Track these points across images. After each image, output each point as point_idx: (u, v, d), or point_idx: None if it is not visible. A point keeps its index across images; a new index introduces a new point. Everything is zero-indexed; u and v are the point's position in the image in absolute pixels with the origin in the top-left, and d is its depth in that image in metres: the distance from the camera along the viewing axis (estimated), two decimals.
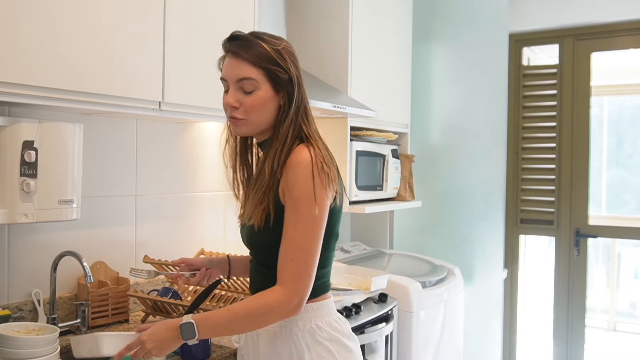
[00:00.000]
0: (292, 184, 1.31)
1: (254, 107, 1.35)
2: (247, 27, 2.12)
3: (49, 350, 1.39)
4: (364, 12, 2.76)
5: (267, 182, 1.34)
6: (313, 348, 1.37)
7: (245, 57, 1.34)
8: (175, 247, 2.29)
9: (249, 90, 1.35)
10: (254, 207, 1.35)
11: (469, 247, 3.40)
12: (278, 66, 1.35)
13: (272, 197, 1.34)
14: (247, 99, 1.35)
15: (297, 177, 1.31)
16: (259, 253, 1.43)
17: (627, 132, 5.00)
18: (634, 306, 5.51)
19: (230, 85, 1.37)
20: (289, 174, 1.33)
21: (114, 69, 1.64)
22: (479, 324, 3.42)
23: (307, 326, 1.38)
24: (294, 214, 1.31)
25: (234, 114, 1.37)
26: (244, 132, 1.41)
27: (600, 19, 3.34)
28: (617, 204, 4.99)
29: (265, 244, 1.38)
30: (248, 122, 1.37)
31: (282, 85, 1.36)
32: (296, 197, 1.31)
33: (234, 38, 1.38)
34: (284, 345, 1.38)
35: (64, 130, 1.66)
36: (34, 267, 1.84)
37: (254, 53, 1.34)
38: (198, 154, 2.39)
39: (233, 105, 1.36)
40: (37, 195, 1.59)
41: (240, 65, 1.35)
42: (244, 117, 1.36)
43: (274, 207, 1.34)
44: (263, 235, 1.36)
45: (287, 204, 1.32)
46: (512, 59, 3.53)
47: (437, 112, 3.47)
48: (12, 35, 1.40)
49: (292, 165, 1.33)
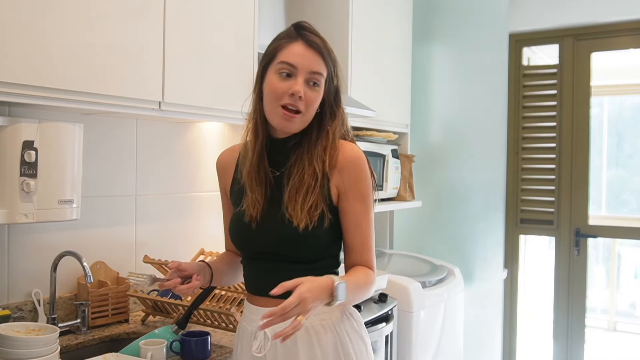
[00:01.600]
0: (357, 179, 1.37)
1: (313, 102, 1.35)
2: (247, 27, 2.12)
3: (49, 350, 1.39)
4: (364, 12, 2.76)
5: (319, 180, 1.35)
6: (352, 337, 1.40)
7: (323, 53, 1.35)
8: (175, 247, 2.29)
9: (316, 85, 1.35)
10: (307, 207, 1.33)
11: (469, 247, 3.40)
12: (334, 71, 1.38)
13: (325, 195, 1.36)
14: (312, 93, 1.34)
15: (362, 173, 1.38)
16: (298, 251, 1.37)
17: (627, 132, 5.00)
18: (634, 306, 5.51)
19: (300, 74, 1.33)
20: (350, 170, 1.36)
21: (114, 69, 1.63)
22: (479, 324, 3.42)
23: (344, 316, 1.41)
24: (364, 207, 1.38)
25: (297, 103, 1.32)
26: (296, 127, 1.37)
27: (600, 19, 3.34)
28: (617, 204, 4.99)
29: (311, 240, 1.35)
30: (303, 118, 1.35)
31: (330, 89, 1.39)
32: (362, 191, 1.37)
33: (307, 29, 1.37)
34: (328, 337, 1.37)
35: (64, 130, 1.66)
36: (34, 267, 1.84)
37: (328, 51, 1.37)
38: (198, 154, 2.39)
39: (301, 95, 1.32)
40: (37, 195, 1.59)
41: (318, 59, 1.35)
42: (304, 110, 1.34)
43: (327, 204, 1.36)
44: (313, 232, 1.34)
45: (352, 198, 1.37)
46: (512, 59, 3.53)
47: (437, 112, 3.47)
48: (12, 35, 1.40)
49: (353, 162, 1.37)
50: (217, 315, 1.84)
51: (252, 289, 1.46)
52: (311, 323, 1.36)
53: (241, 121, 2.13)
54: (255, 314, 1.41)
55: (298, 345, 1.36)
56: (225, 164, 1.54)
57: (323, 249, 1.38)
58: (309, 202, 1.33)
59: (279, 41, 1.37)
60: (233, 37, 2.05)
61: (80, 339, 1.80)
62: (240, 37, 2.09)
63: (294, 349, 1.36)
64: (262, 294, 1.40)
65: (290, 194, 1.35)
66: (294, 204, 1.34)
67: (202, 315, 1.90)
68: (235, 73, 2.06)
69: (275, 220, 1.37)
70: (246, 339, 1.43)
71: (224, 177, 1.54)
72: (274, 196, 1.39)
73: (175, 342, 1.67)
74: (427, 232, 3.49)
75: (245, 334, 1.44)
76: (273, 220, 1.37)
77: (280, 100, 1.33)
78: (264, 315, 1.16)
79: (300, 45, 1.34)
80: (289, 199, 1.35)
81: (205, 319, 1.90)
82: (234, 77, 2.05)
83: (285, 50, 1.35)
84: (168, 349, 1.64)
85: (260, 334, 1.36)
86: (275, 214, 1.37)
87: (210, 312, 1.85)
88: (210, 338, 1.69)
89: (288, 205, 1.35)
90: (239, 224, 1.43)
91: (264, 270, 1.42)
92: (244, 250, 1.47)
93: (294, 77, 1.33)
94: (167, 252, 2.23)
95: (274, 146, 1.42)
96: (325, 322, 1.37)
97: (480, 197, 3.37)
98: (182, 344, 1.66)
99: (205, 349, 1.66)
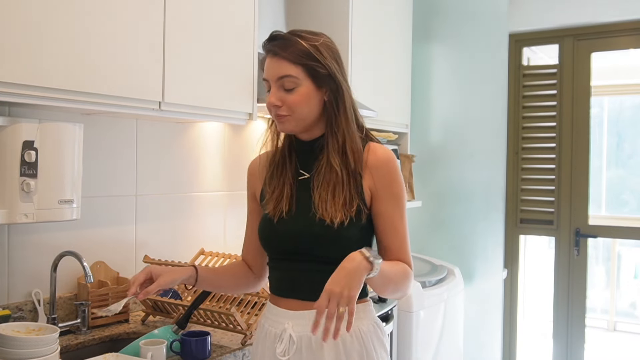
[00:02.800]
0: (391, 180, 1.39)
1: (296, 103, 1.37)
2: (247, 27, 2.12)
3: (49, 350, 1.39)
4: (364, 12, 2.76)
5: (347, 177, 1.37)
6: (377, 348, 1.40)
7: (284, 56, 1.36)
8: (175, 247, 2.29)
9: (290, 87, 1.36)
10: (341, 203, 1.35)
11: (469, 247, 3.40)
12: (316, 62, 1.37)
13: (360, 192, 1.37)
14: (289, 96, 1.37)
15: (395, 174, 1.40)
16: (330, 250, 1.36)
17: (627, 132, 5.00)
18: (634, 306, 5.52)
19: (272, 84, 1.37)
20: (383, 171, 1.39)
21: (114, 69, 1.63)
22: (479, 324, 3.42)
23: (371, 325, 1.41)
24: (398, 209, 1.40)
25: (278, 112, 1.38)
26: (291, 128, 1.40)
27: (600, 19, 3.34)
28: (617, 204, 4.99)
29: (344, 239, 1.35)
30: (293, 118, 1.38)
31: (323, 81, 1.38)
32: (396, 192, 1.39)
33: (273, 38, 1.39)
34: (354, 346, 1.36)
35: (64, 130, 1.66)
36: (34, 267, 1.84)
37: (292, 50, 1.36)
38: (198, 154, 2.39)
39: (275, 104, 1.37)
40: (37, 195, 1.59)
41: (280, 63, 1.36)
42: (288, 113, 1.37)
43: (362, 203, 1.37)
44: (348, 228, 1.35)
45: (387, 200, 1.38)
46: (512, 59, 3.53)
47: (437, 112, 3.47)
48: (12, 35, 1.40)
49: (386, 163, 1.40)
50: (217, 315, 1.84)
51: (277, 290, 1.45)
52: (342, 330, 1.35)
53: (241, 121, 2.14)
54: (280, 316, 1.41)
55: (324, 352, 1.35)
56: (256, 169, 1.55)
57: (354, 248, 1.35)
58: (341, 198, 1.35)
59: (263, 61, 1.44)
60: (233, 37, 2.05)
61: (80, 339, 1.80)
62: (240, 37, 2.09)
63: (321, 356, 1.35)
64: (288, 295, 1.41)
65: (320, 193, 1.38)
66: (324, 202, 1.36)
67: (202, 315, 1.90)
68: (235, 73, 2.06)
69: (306, 220, 1.38)
70: (269, 341, 1.41)
71: (254, 181, 1.55)
72: (303, 197, 1.41)
73: (175, 342, 1.67)
74: (427, 232, 3.49)
75: (268, 336, 1.42)
76: (304, 220, 1.38)
77: (270, 112, 1.41)
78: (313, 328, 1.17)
79: (267, 58, 1.40)
80: (319, 199, 1.37)
81: (205, 319, 1.91)
82: (234, 77, 2.05)
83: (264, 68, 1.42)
84: (168, 349, 1.64)
85: (286, 337, 1.36)
86: (306, 214, 1.38)
87: (210, 312, 1.85)
88: (210, 338, 1.68)
89: (319, 205, 1.36)
90: (269, 224, 1.43)
91: (291, 271, 1.42)
92: (271, 250, 1.46)
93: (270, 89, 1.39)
94: (167, 252, 2.24)
95: (302, 148, 1.46)
96: (352, 330, 1.36)
97: (480, 197, 3.37)
98: (182, 344, 1.66)
99: (205, 349, 1.66)
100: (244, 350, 1.76)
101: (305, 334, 1.36)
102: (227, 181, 2.54)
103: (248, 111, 2.12)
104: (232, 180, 2.56)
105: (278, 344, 1.37)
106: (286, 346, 1.36)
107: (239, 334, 1.86)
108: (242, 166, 2.62)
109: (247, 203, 1.58)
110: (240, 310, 1.85)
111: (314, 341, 1.35)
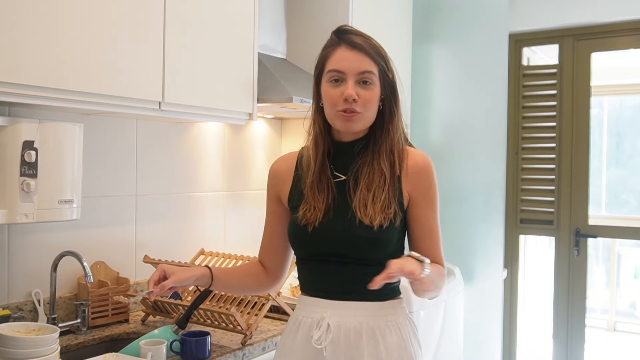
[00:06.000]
0: (430, 186, 1.42)
1: (370, 101, 1.36)
2: (247, 27, 2.12)
3: (49, 350, 1.39)
4: (364, 12, 2.76)
5: (389, 182, 1.37)
6: (413, 342, 1.42)
7: (367, 51, 1.36)
8: (175, 247, 2.29)
9: (368, 84, 1.36)
10: (380, 206, 1.35)
11: (469, 247, 3.40)
12: (387, 65, 1.39)
13: (397, 195, 1.38)
14: (365, 92, 1.36)
15: (433, 180, 1.43)
16: (369, 252, 1.36)
17: (627, 132, 5.00)
18: (634, 306, 5.52)
19: (349, 77, 1.35)
20: (423, 176, 1.41)
21: (114, 69, 1.64)
22: (479, 324, 3.42)
23: (407, 320, 1.44)
24: (434, 214, 1.43)
25: (354, 106, 1.35)
26: (359, 127, 1.39)
27: (600, 19, 3.33)
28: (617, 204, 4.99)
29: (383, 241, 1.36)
30: (363, 117, 1.37)
31: (386, 84, 1.39)
32: (433, 198, 1.43)
33: (348, 32, 1.39)
34: (393, 339, 1.37)
35: (64, 130, 1.66)
36: (34, 267, 1.84)
37: (373, 48, 1.37)
38: (198, 154, 2.39)
39: (354, 97, 1.34)
40: (37, 195, 1.59)
41: (363, 58, 1.36)
42: (361, 110, 1.36)
43: (399, 206, 1.38)
44: (387, 231, 1.35)
45: (425, 205, 1.41)
46: (512, 59, 3.53)
47: (437, 112, 3.47)
48: (12, 35, 1.40)
49: (426, 168, 1.42)
50: (217, 315, 1.84)
51: (313, 291, 1.44)
52: (377, 323, 1.37)
53: (241, 121, 2.14)
54: (317, 306, 1.40)
55: (363, 342, 1.35)
56: (280, 172, 1.52)
57: (391, 250, 1.38)
58: (381, 200, 1.35)
59: (325, 50, 1.42)
60: (233, 37, 2.05)
61: (80, 339, 1.80)
62: (240, 37, 2.09)
63: (359, 347, 1.35)
64: (325, 296, 1.40)
65: (361, 195, 1.37)
66: (365, 204, 1.35)
67: (202, 315, 1.90)
68: (235, 73, 2.06)
69: (344, 222, 1.37)
70: (303, 330, 1.40)
71: (278, 184, 1.52)
72: (339, 200, 1.40)
73: (175, 342, 1.67)
74: None
75: (303, 326, 1.41)
76: (342, 223, 1.37)
77: (336, 106, 1.36)
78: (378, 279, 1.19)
79: (344, 49, 1.37)
80: (359, 201, 1.37)
81: (205, 319, 1.90)
82: (234, 77, 2.05)
83: (331, 58, 1.39)
84: (168, 349, 1.64)
85: (324, 325, 1.36)
86: (343, 216, 1.37)
87: (210, 312, 1.85)
88: (210, 338, 1.69)
89: (359, 207, 1.36)
90: (302, 230, 1.41)
91: (328, 272, 1.41)
92: (307, 253, 1.45)
93: (345, 82, 1.36)
94: (167, 252, 2.24)
95: (340, 149, 1.44)
96: (390, 322, 1.38)
97: (480, 197, 3.37)
98: (182, 344, 1.66)
99: (205, 349, 1.66)
100: (244, 350, 1.77)
101: (344, 323, 1.36)
102: (227, 181, 2.54)
103: (248, 111, 2.12)
104: (232, 180, 2.56)
105: (315, 331, 1.36)
106: (323, 334, 1.35)
107: (239, 334, 1.86)
108: (242, 166, 2.62)
109: (267, 205, 1.55)
110: (240, 310, 1.85)
111: (353, 332, 1.35)
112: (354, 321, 1.36)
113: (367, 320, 1.36)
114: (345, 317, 1.36)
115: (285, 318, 2.06)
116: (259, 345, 1.83)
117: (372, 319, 1.36)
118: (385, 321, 1.38)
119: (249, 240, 2.61)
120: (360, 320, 1.36)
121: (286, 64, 2.59)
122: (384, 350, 1.35)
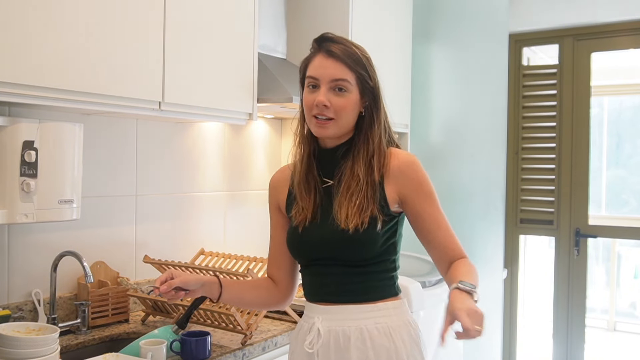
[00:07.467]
0: (420, 181, 1.41)
1: (343, 108, 1.38)
2: (247, 27, 2.12)
3: (49, 350, 1.39)
4: (364, 12, 2.76)
5: (365, 185, 1.37)
6: (408, 344, 1.41)
7: (343, 60, 1.38)
8: (175, 247, 2.29)
9: (342, 92, 1.38)
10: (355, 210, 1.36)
11: (468, 247, 3.36)
12: (367, 73, 1.41)
13: (378, 199, 1.38)
14: (338, 99, 1.38)
15: (422, 174, 1.43)
16: (351, 254, 1.39)
17: (627, 132, 5.00)
18: (634, 306, 5.52)
19: (322, 84, 1.38)
20: (410, 174, 1.41)
21: (114, 69, 1.64)
22: None
23: (402, 322, 1.42)
24: (435, 206, 1.43)
25: (325, 112, 1.37)
26: (331, 133, 1.40)
27: (600, 19, 3.34)
28: (617, 204, 4.99)
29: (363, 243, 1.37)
30: (336, 123, 1.39)
31: (366, 92, 1.41)
32: (428, 191, 1.42)
33: (328, 39, 1.41)
34: (382, 341, 1.38)
35: (64, 130, 1.66)
36: (34, 267, 1.84)
37: (351, 56, 1.38)
38: (198, 154, 2.39)
39: (325, 104, 1.36)
40: (37, 195, 1.59)
41: (337, 66, 1.38)
42: (334, 116, 1.38)
43: (381, 209, 1.38)
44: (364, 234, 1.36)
45: (421, 200, 1.41)
46: (512, 59, 3.53)
47: (437, 112, 3.47)
48: (12, 35, 1.40)
49: (411, 165, 1.42)
50: (217, 315, 1.84)
51: (309, 295, 1.48)
52: (366, 325, 1.38)
53: (241, 121, 2.14)
54: (313, 311, 1.44)
55: (351, 346, 1.37)
56: (277, 183, 1.57)
57: (378, 251, 1.40)
58: (356, 204, 1.36)
59: (307, 57, 1.45)
60: (233, 37, 2.05)
61: (80, 339, 1.80)
62: (240, 37, 2.09)
63: (348, 350, 1.37)
64: (319, 299, 1.43)
65: (340, 199, 1.39)
66: (343, 208, 1.37)
67: (202, 315, 1.90)
68: (235, 73, 2.06)
69: (326, 226, 1.40)
70: (301, 335, 1.45)
71: (276, 194, 1.55)
72: (325, 205, 1.43)
73: (175, 342, 1.67)
74: None
75: (302, 331, 1.46)
76: (324, 226, 1.40)
77: (310, 111, 1.40)
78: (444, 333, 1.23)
79: (320, 56, 1.40)
80: (338, 204, 1.39)
81: (205, 319, 1.91)
82: (234, 77, 2.05)
83: (310, 64, 1.42)
84: (168, 349, 1.64)
85: (314, 330, 1.40)
86: (326, 220, 1.40)
87: (210, 312, 1.85)
88: (210, 338, 1.69)
89: (338, 211, 1.38)
90: (294, 233, 1.46)
91: (319, 276, 1.45)
92: (300, 258, 1.49)
93: (319, 88, 1.38)
94: (167, 252, 2.24)
95: (324, 156, 1.46)
96: (379, 325, 1.39)
97: (480, 197, 3.37)
98: (182, 344, 1.66)
99: (205, 349, 1.66)
100: (244, 350, 1.77)
101: (333, 328, 1.39)
102: (227, 181, 2.54)
103: (248, 111, 2.12)
104: (232, 180, 2.57)
105: (308, 336, 1.41)
106: (314, 338, 1.39)
107: (239, 334, 1.86)
108: (242, 166, 2.62)
109: (271, 217, 1.58)
110: (240, 310, 1.85)
111: (342, 336, 1.38)
112: (342, 325, 1.39)
113: (357, 323, 1.38)
114: (335, 322, 1.39)
115: (286, 318, 2.06)
116: (259, 345, 1.83)
117: (361, 322, 1.38)
118: (374, 324, 1.39)
119: (249, 240, 2.61)
120: (349, 324, 1.38)
121: (286, 64, 2.59)
122: (372, 352, 1.37)
